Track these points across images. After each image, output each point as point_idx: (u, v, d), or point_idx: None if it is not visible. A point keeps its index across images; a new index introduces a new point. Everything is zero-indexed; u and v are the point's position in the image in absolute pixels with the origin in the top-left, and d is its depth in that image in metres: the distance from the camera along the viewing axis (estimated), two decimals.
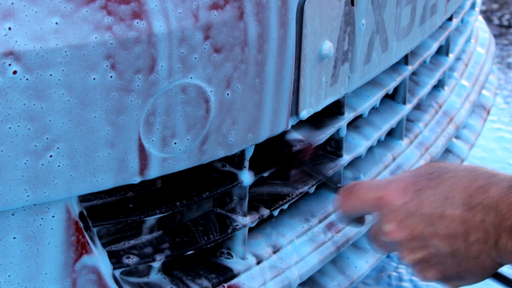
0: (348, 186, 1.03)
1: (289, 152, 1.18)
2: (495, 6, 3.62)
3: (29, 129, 0.92)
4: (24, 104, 0.91)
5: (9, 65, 0.90)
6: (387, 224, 0.96)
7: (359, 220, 1.06)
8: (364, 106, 1.40)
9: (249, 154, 1.16)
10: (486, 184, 0.90)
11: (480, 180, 0.91)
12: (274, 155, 1.20)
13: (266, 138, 1.15)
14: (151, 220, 1.14)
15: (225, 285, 1.17)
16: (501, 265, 0.92)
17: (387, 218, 0.96)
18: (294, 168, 1.19)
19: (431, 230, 0.92)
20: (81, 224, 1.02)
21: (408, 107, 1.56)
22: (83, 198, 1.05)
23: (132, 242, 1.13)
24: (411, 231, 0.94)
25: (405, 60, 1.54)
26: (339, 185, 1.12)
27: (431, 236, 0.93)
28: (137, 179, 1.02)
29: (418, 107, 1.68)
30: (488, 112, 1.97)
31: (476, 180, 0.91)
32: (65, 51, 0.92)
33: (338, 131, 1.34)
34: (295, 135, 1.20)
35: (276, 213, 1.26)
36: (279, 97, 1.13)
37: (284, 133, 1.18)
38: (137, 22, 0.96)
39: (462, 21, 1.92)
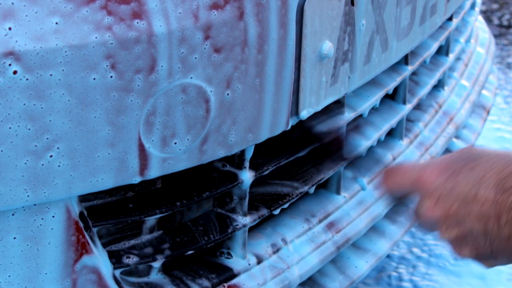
0: (390, 168, 1.09)
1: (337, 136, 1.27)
2: (495, 6, 3.62)
3: (29, 129, 0.92)
4: (24, 104, 0.91)
5: (9, 65, 0.90)
6: (424, 203, 1.01)
7: (401, 199, 1.11)
8: (364, 106, 1.40)
9: (249, 154, 1.16)
10: None
11: None
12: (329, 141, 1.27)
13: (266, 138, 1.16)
14: (151, 220, 1.14)
15: (225, 285, 1.17)
16: None
17: (425, 197, 1.01)
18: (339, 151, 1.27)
19: (465, 209, 0.97)
20: (81, 224, 1.02)
21: (408, 107, 1.56)
22: (83, 198, 1.05)
23: (132, 242, 1.13)
24: (447, 209, 0.98)
25: (405, 60, 1.54)
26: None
27: (466, 215, 0.97)
28: (137, 179, 1.02)
29: (418, 107, 1.68)
30: (488, 112, 1.97)
31: (510, 164, 0.96)
32: (65, 51, 0.92)
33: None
34: (321, 127, 1.27)
35: (276, 212, 1.26)
36: (279, 97, 1.13)
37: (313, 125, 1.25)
38: (137, 22, 0.96)
39: (462, 21, 1.92)
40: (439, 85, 1.76)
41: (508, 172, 0.95)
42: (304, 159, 1.34)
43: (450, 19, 1.77)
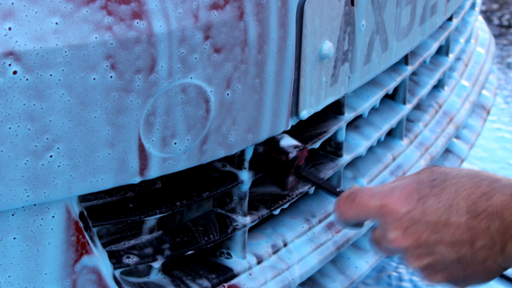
0: (348, 193, 1.03)
1: (285, 159, 1.17)
2: (495, 6, 3.62)
3: (29, 129, 0.92)
4: (24, 104, 0.91)
5: (9, 65, 0.90)
6: (391, 232, 0.97)
7: (358, 224, 1.07)
8: (364, 106, 1.40)
9: (249, 154, 1.16)
10: (489, 191, 0.92)
11: (483, 187, 0.92)
12: (270, 164, 1.19)
13: (264, 140, 1.15)
14: (151, 220, 1.14)
15: (225, 285, 1.17)
16: (506, 268, 0.94)
17: (391, 226, 0.97)
18: (291, 175, 1.18)
19: (436, 237, 0.94)
20: (81, 224, 1.02)
21: (408, 107, 1.56)
22: (83, 198, 1.05)
23: (132, 242, 1.13)
24: (417, 238, 0.95)
25: (405, 60, 1.54)
26: (338, 189, 1.12)
27: (437, 243, 0.94)
28: (137, 179, 1.02)
29: (418, 107, 1.68)
30: (488, 112, 1.97)
31: (479, 186, 0.93)
32: (65, 51, 0.92)
33: (338, 131, 1.34)
34: (290, 141, 1.19)
35: (276, 212, 1.26)
36: (279, 97, 1.13)
37: (278, 140, 1.18)
38: (137, 22, 0.96)
39: (462, 21, 1.92)
40: (439, 85, 1.76)
41: (479, 194, 0.92)
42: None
43: (450, 19, 1.77)
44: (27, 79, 0.91)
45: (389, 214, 0.97)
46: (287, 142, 1.18)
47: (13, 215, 0.96)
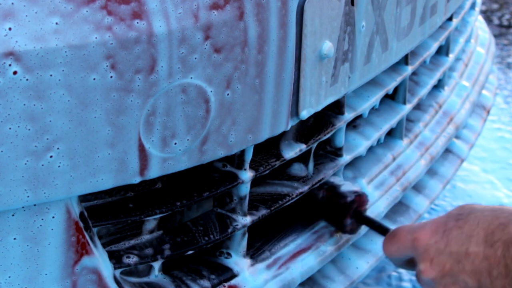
0: (392, 232, 1.11)
1: (344, 203, 1.27)
2: (495, 6, 3.62)
3: (29, 129, 0.92)
4: (24, 104, 0.91)
5: (9, 65, 0.90)
6: (421, 264, 1.03)
7: (409, 263, 1.12)
8: (364, 106, 1.40)
9: (249, 154, 1.16)
10: (506, 221, 0.97)
11: (501, 218, 0.98)
12: (329, 208, 1.29)
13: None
14: (151, 220, 1.14)
15: (226, 284, 1.17)
16: None
17: (421, 258, 1.03)
18: (349, 218, 1.28)
19: (459, 267, 0.99)
20: (81, 224, 1.02)
21: (408, 107, 1.56)
22: (83, 198, 1.05)
23: (132, 242, 1.13)
24: (442, 268, 1.01)
25: (405, 60, 1.54)
26: (389, 230, 1.18)
27: (460, 273, 0.99)
28: (137, 179, 1.02)
29: (418, 107, 1.68)
30: (488, 112, 1.97)
31: (498, 218, 0.98)
32: (65, 51, 0.92)
33: (338, 131, 1.34)
34: (350, 186, 1.28)
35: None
36: (279, 97, 1.13)
37: (338, 186, 1.29)
38: (137, 22, 0.96)
39: (462, 21, 1.92)
40: (439, 85, 1.76)
41: (495, 225, 0.97)
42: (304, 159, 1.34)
43: (450, 19, 1.77)
44: (27, 79, 0.91)
45: (420, 246, 1.04)
46: (347, 188, 1.28)
47: (13, 215, 0.96)
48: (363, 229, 1.35)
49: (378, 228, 1.23)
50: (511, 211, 0.99)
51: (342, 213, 1.27)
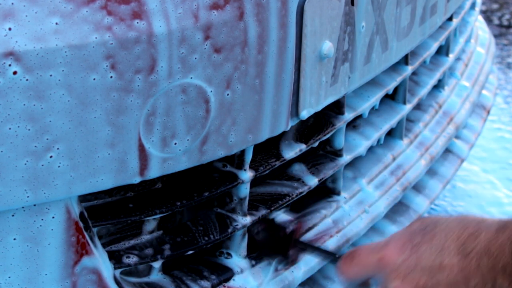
0: (348, 253, 1.07)
1: (283, 235, 1.22)
2: (495, 6, 3.62)
3: (29, 129, 0.92)
4: (24, 104, 0.91)
5: (9, 65, 0.90)
6: (391, 283, 1.00)
7: (364, 284, 1.10)
8: (364, 106, 1.40)
9: (249, 154, 1.16)
10: (476, 231, 0.96)
11: (470, 228, 0.96)
12: (269, 242, 1.23)
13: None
14: (151, 220, 1.14)
15: (225, 285, 1.17)
16: None
17: (390, 277, 1.00)
18: (291, 248, 1.23)
19: (433, 281, 0.97)
20: (81, 225, 1.02)
21: (408, 107, 1.56)
22: (83, 198, 1.05)
23: (132, 242, 1.13)
24: (415, 285, 0.98)
25: (405, 60, 1.54)
26: (337, 256, 1.16)
27: (435, 286, 0.97)
28: (137, 179, 1.02)
29: (418, 107, 1.68)
30: (488, 112, 1.97)
31: (466, 227, 0.96)
32: (65, 52, 0.92)
33: (337, 131, 1.34)
34: (284, 217, 1.25)
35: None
36: (279, 97, 1.13)
37: (273, 218, 1.24)
38: (137, 22, 0.96)
39: (462, 21, 1.92)
40: (439, 85, 1.76)
41: (466, 236, 0.96)
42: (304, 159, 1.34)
43: (450, 19, 1.77)
44: (27, 80, 0.91)
45: (386, 266, 1.00)
46: (282, 218, 1.25)
47: (13, 215, 0.96)
48: (364, 229, 1.35)
49: (323, 253, 1.20)
50: (478, 220, 0.98)
51: (284, 245, 1.24)
